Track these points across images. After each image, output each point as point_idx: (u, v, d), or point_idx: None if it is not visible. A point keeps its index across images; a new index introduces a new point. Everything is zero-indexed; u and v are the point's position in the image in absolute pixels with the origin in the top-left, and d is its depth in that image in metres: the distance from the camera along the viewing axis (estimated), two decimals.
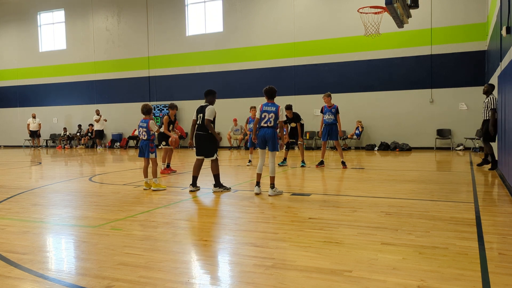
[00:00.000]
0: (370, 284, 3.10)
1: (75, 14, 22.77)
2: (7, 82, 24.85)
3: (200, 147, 7.30)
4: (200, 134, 7.25)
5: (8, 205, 6.53)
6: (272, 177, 6.85)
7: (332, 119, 10.56)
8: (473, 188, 7.25)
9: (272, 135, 6.77)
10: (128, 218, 5.43)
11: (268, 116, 6.82)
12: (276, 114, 6.79)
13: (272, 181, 6.85)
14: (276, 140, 6.78)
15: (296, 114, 11.04)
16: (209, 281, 3.32)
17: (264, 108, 6.89)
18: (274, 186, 6.87)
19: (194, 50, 20.15)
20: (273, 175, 6.86)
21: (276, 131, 6.82)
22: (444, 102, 16.11)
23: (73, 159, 15.76)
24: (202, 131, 7.20)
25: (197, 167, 7.39)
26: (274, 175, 6.89)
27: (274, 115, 6.79)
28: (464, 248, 3.89)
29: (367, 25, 12.02)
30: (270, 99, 6.99)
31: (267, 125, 6.83)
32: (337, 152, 11.07)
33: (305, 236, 4.41)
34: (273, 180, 6.86)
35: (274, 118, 6.79)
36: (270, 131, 6.80)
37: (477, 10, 15.47)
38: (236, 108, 19.12)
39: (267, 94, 7.00)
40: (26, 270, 3.55)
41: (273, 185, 6.85)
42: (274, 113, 6.79)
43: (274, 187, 6.85)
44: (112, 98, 22.22)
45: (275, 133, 6.80)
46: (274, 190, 6.81)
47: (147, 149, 7.69)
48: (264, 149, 6.93)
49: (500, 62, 9.73)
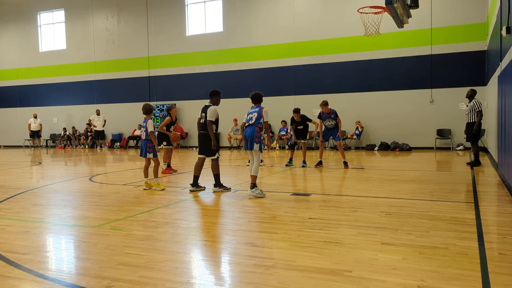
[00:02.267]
0: (370, 284, 3.11)
1: (75, 14, 22.77)
2: (7, 82, 24.85)
3: (202, 146, 7.34)
4: (202, 133, 7.31)
5: (8, 205, 6.53)
6: (253, 176, 6.70)
7: (333, 124, 10.70)
8: (473, 188, 7.25)
9: (251, 133, 6.80)
10: (128, 218, 5.43)
11: (251, 116, 6.98)
12: (259, 113, 6.89)
13: (253, 180, 6.68)
14: (255, 139, 6.75)
15: (304, 116, 11.19)
16: (209, 281, 3.32)
17: (250, 111, 7.11)
18: (255, 186, 6.67)
19: (194, 50, 20.15)
20: (255, 174, 6.72)
21: (255, 129, 6.79)
22: (444, 102, 16.11)
23: (73, 159, 15.76)
24: (204, 130, 7.25)
25: (198, 166, 7.39)
26: (256, 175, 6.74)
27: (257, 114, 6.91)
28: (464, 248, 3.89)
29: (367, 25, 12.02)
30: (256, 103, 7.19)
31: (249, 123, 6.96)
32: (338, 152, 11.12)
33: (305, 236, 4.41)
34: (254, 180, 6.70)
35: (256, 117, 6.88)
36: (249, 129, 6.87)
37: (477, 10, 15.47)
38: (236, 108, 19.11)
39: (253, 99, 7.23)
40: (26, 270, 3.55)
41: (253, 185, 6.67)
42: (257, 112, 6.93)
43: (255, 188, 6.65)
44: (112, 98, 22.22)
45: (254, 131, 6.79)
46: (253, 190, 6.61)
47: (145, 148, 7.75)
48: (251, 149, 6.89)
49: (500, 62, 9.73)
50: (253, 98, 7.20)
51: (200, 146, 7.40)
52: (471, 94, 10.52)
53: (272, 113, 17.88)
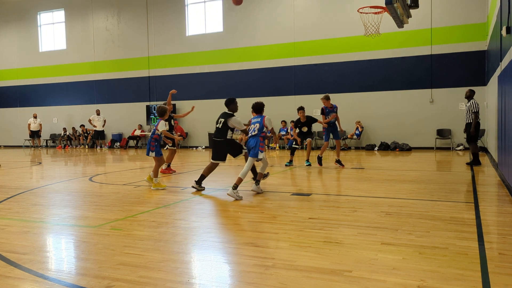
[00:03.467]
0: (370, 284, 3.10)
1: (75, 14, 22.77)
2: (7, 82, 24.85)
3: (216, 152, 7.48)
4: (216, 140, 7.47)
5: (8, 205, 6.53)
6: (239, 178, 6.76)
7: (334, 119, 10.81)
8: (473, 188, 7.25)
9: (255, 143, 7.01)
10: (128, 218, 5.43)
11: (254, 127, 7.16)
12: (261, 124, 7.11)
13: (238, 182, 6.73)
14: (259, 148, 6.98)
15: (310, 117, 11.22)
16: (209, 281, 3.32)
17: (252, 121, 7.28)
18: (237, 188, 6.69)
19: (194, 50, 20.15)
20: (243, 178, 6.81)
21: (258, 139, 7.02)
22: (444, 102, 16.11)
23: (73, 159, 15.76)
24: (218, 137, 7.41)
25: (209, 168, 7.57)
26: (243, 179, 6.82)
27: (259, 125, 7.11)
28: (464, 248, 3.89)
29: (367, 25, 12.01)
30: (258, 113, 7.35)
31: (251, 134, 7.12)
32: (336, 151, 11.12)
33: (305, 236, 4.41)
34: (239, 182, 6.75)
35: (259, 128, 7.08)
36: (253, 140, 7.06)
37: (477, 10, 15.47)
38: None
39: (254, 109, 7.43)
40: (26, 270, 3.55)
41: (236, 186, 6.69)
42: (259, 123, 7.13)
43: (236, 189, 6.67)
44: (112, 98, 22.21)
45: (258, 141, 7.03)
46: (235, 192, 6.63)
47: (148, 146, 7.91)
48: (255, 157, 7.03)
49: (500, 62, 9.73)
50: (254, 108, 7.39)
51: (214, 152, 7.52)
52: (469, 95, 10.75)
53: (272, 113, 17.97)
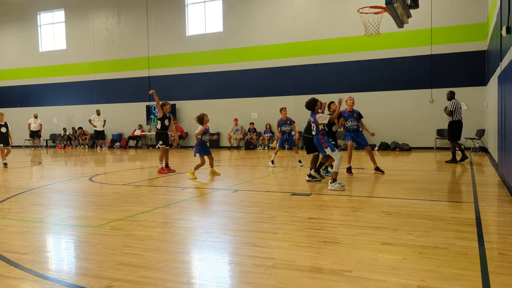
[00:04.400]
0: (370, 284, 3.10)
1: (75, 14, 22.76)
2: (7, 82, 24.84)
3: (308, 146, 8.63)
4: (305, 136, 8.67)
5: (8, 205, 6.53)
6: (335, 172, 7.38)
7: (355, 125, 9.68)
8: (473, 188, 7.25)
9: (317, 142, 7.67)
10: (128, 218, 5.43)
11: (313, 126, 7.70)
12: (315, 123, 7.60)
13: (334, 176, 7.37)
14: (322, 145, 7.57)
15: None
16: (209, 281, 3.32)
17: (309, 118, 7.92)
18: (336, 180, 7.31)
19: (194, 50, 20.14)
20: (336, 170, 7.41)
21: (318, 137, 7.58)
22: (444, 102, 15.99)
23: (73, 159, 15.76)
24: (307, 133, 8.54)
25: (313, 161, 8.50)
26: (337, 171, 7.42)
27: (315, 125, 7.61)
28: (464, 248, 3.89)
29: (367, 25, 12.00)
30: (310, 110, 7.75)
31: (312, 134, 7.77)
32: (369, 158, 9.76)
33: (305, 236, 4.41)
34: (335, 175, 7.38)
35: (316, 128, 7.60)
36: (315, 138, 7.72)
37: (477, 10, 15.46)
38: (236, 108, 19.12)
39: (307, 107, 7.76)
40: (26, 270, 3.55)
41: (334, 179, 7.32)
42: (313, 123, 7.64)
43: (335, 181, 7.30)
44: (112, 98, 22.21)
45: (319, 139, 7.59)
46: (333, 184, 7.28)
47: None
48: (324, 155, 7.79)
49: (500, 62, 9.72)
50: (307, 107, 7.75)
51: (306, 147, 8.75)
52: (450, 97, 11.52)
53: (272, 113, 18.02)
